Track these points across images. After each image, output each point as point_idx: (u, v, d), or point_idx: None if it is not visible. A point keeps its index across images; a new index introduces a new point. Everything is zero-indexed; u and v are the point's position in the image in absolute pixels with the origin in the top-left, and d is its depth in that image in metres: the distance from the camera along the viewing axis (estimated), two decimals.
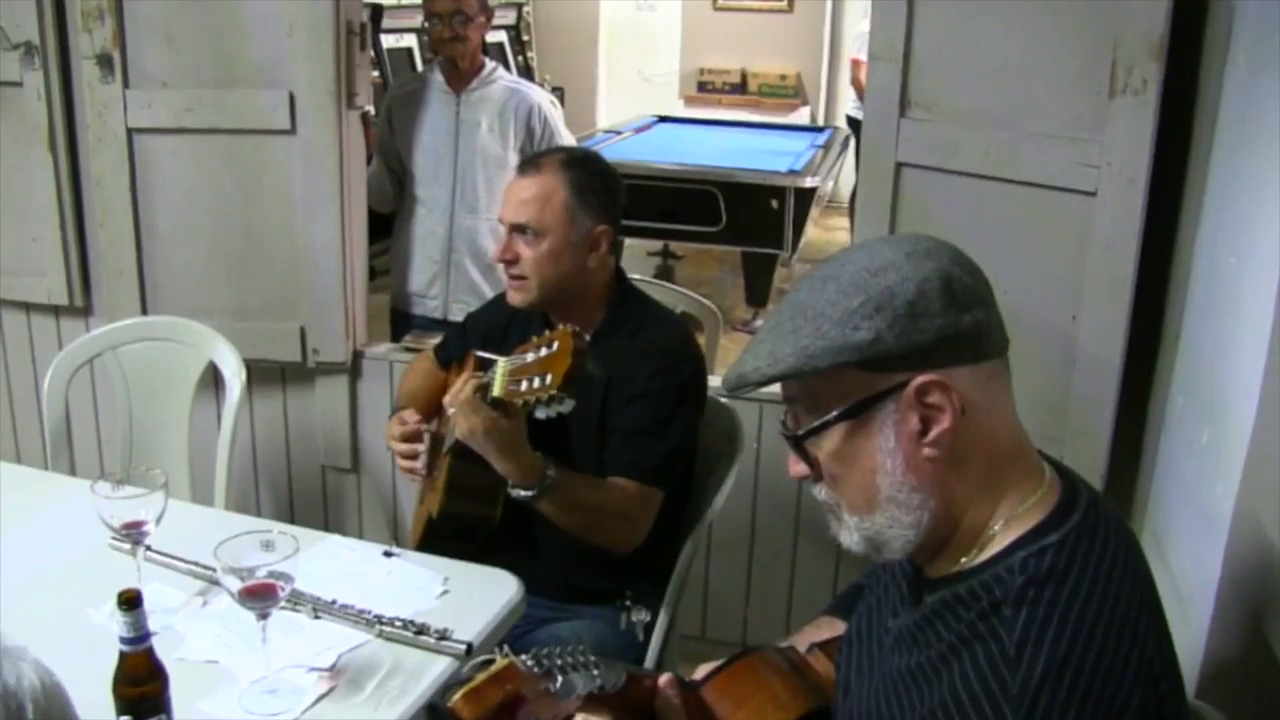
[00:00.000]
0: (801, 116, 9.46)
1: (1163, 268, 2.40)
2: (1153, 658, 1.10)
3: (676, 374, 2.17)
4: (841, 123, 8.40)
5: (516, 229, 2.16)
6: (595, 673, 1.26)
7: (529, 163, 2.22)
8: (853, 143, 7.24)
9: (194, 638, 1.78)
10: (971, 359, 1.15)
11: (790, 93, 9.86)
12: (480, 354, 2.22)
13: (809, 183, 5.94)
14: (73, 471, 2.72)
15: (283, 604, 1.66)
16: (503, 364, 1.90)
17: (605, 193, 2.19)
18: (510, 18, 8.64)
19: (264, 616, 1.59)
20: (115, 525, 1.77)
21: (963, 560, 1.18)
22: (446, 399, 1.98)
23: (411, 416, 2.29)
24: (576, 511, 2.05)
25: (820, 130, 7.77)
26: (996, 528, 1.17)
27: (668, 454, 2.14)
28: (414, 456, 2.26)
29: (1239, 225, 1.92)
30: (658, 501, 2.14)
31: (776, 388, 1.20)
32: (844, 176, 7.67)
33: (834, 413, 1.16)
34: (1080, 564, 1.11)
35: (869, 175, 2.68)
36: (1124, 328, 2.34)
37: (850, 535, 1.21)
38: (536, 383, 1.77)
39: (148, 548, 1.90)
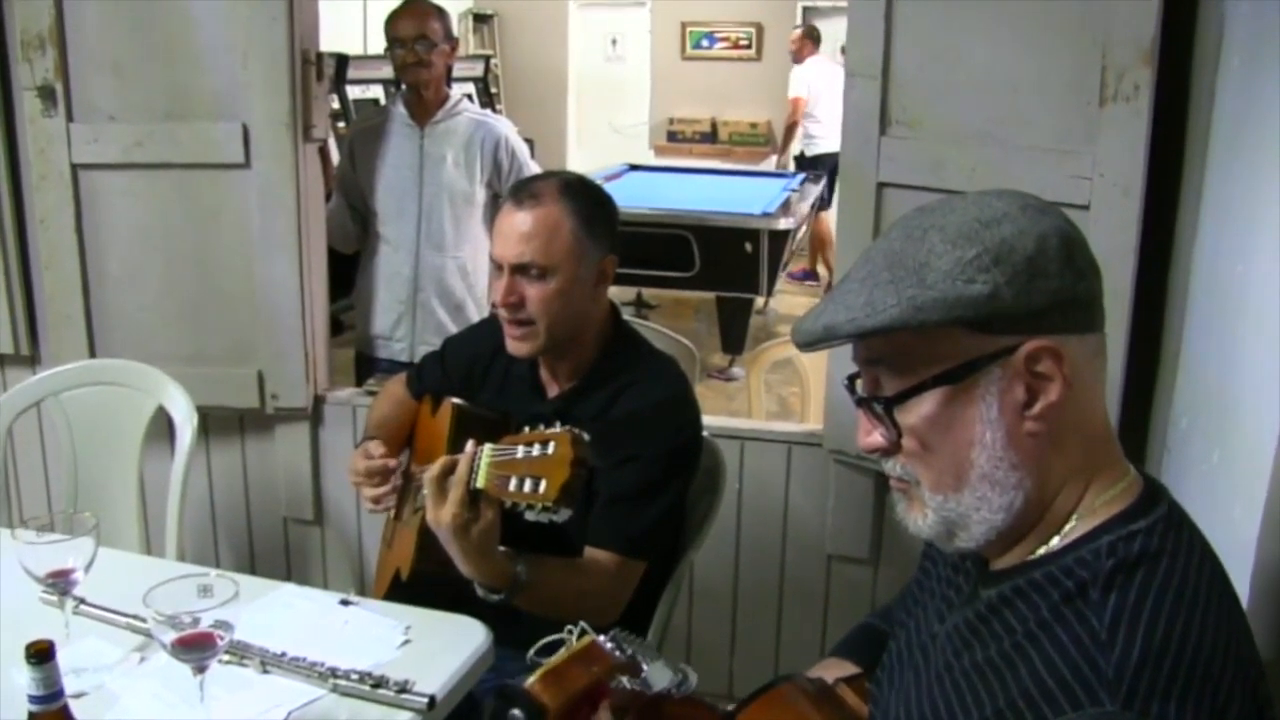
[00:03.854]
0: (772, 164, 9.43)
1: (1160, 282, 2.29)
2: (1248, 663, 1.00)
3: (673, 438, 2.00)
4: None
5: (519, 269, 1.94)
6: (675, 670, 1.13)
7: (523, 193, 1.97)
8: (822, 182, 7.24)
9: (129, 697, 1.62)
10: (1080, 327, 1.05)
11: (761, 141, 9.86)
12: (456, 401, 2.07)
13: (783, 224, 5.89)
14: (13, 525, 2.56)
15: (224, 656, 1.52)
16: (488, 451, 1.67)
17: (608, 218, 2.02)
18: (478, 70, 8.60)
19: (201, 670, 1.44)
20: (40, 574, 1.62)
21: (1041, 550, 1.08)
22: (426, 476, 1.74)
23: (378, 449, 2.11)
24: (550, 605, 1.84)
25: (792, 175, 7.72)
26: (1079, 515, 1.07)
27: (653, 523, 1.97)
28: (380, 497, 2.09)
29: (1245, 230, 1.82)
30: (639, 573, 1.97)
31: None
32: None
33: (931, 376, 1.05)
34: (1171, 553, 1.01)
35: (849, 197, 2.58)
36: (1123, 347, 2.23)
37: (925, 518, 1.10)
38: (528, 487, 1.59)
39: (81, 600, 1.77)
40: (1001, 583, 1.09)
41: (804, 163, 8.63)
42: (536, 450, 1.59)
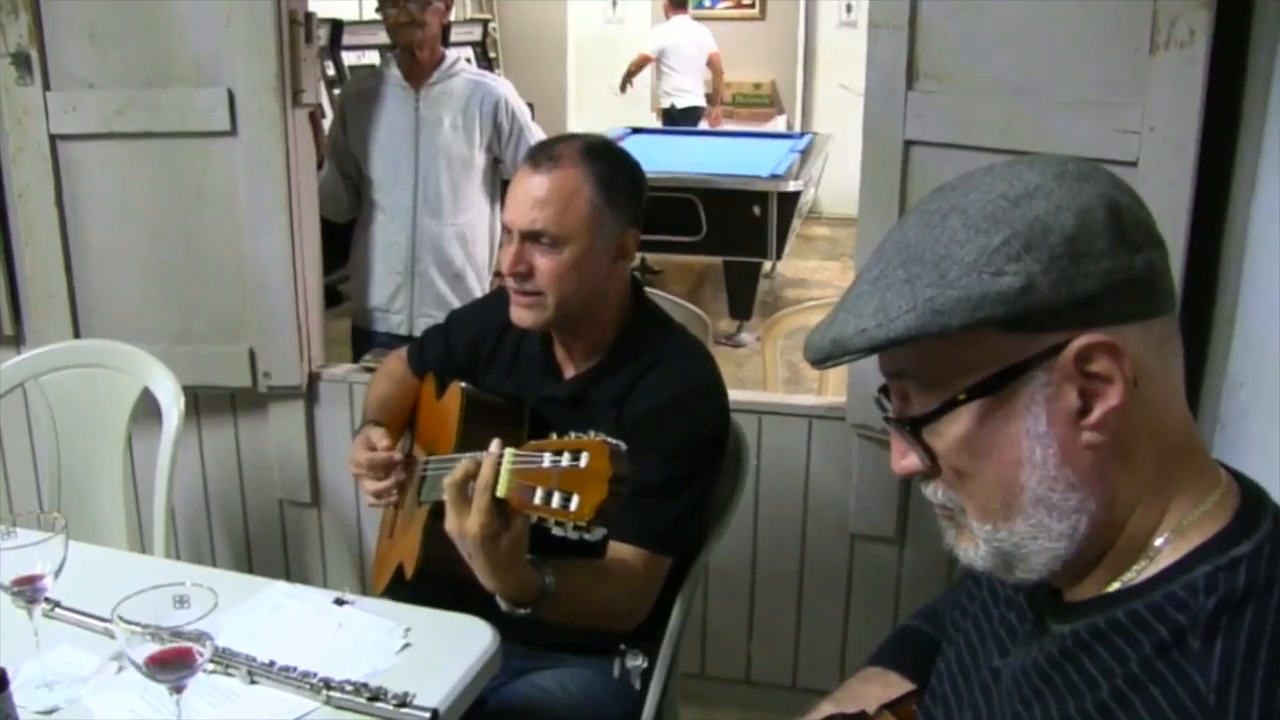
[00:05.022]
0: (778, 125, 9.29)
1: (1213, 244, 2.13)
2: None
3: (700, 428, 1.85)
4: (820, 129, 8.20)
5: (530, 236, 1.80)
6: None
7: (542, 154, 1.83)
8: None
9: (104, 712, 1.49)
10: (1142, 313, 0.87)
11: (765, 101, 9.68)
12: (465, 387, 1.92)
13: (792, 187, 5.75)
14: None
15: (209, 666, 1.38)
16: (510, 457, 1.48)
17: (633, 187, 1.86)
18: (476, 33, 8.42)
19: (178, 690, 1.31)
20: (4, 582, 1.48)
21: (1120, 580, 0.90)
22: (447, 481, 1.56)
23: (381, 440, 1.96)
24: (579, 613, 1.71)
25: (799, 136, 7.55)
26: (1162, 539, 0.89)
27: (680, 517, 1.83)
28: (383, 492, 1.94)
29: None
30: (666, 569, 1.83)
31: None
32: (825, 184, 7.46)
33: (964, 388, 0.88)
34: None
35: (873, 156, 2.42)
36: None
37: (975, 549, 0.93)
38: (557, 501, 1.40)
39: (56, 603, 1.64)
40: (1076, 619, 0.92)
41: (673, 116, 8.60)
42: (566, 460, 1.41)
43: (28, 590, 1.49)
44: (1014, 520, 0.90)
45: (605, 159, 1.83)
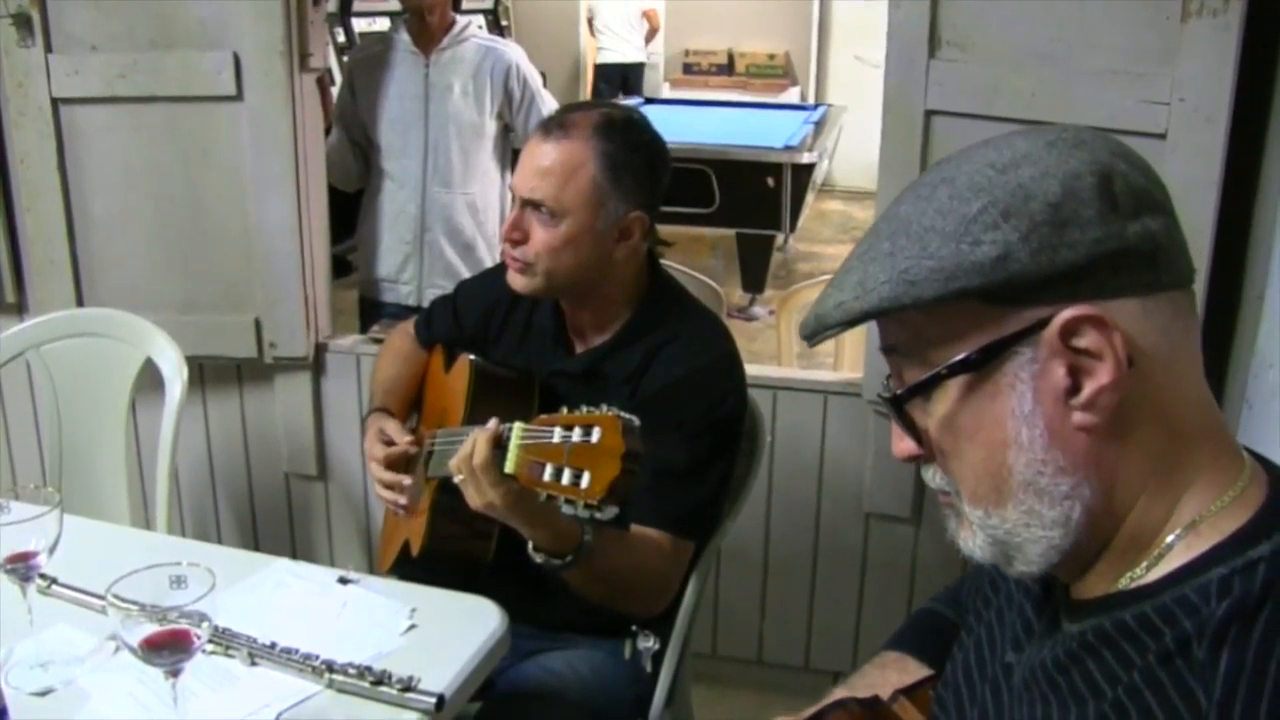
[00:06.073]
0: (791, 97, 9.20)
1: (1243, 218, 2.07)
2: None
3: (718, 409, 1.80)
4: (834, 101, 8.11)
5: (530, 204, 1.77)
6: None
7: (555, 122, 1.79)
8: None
9: (101, 696, 1.44)
10: (1141, 287, 0.81)
11: (779, 73, 9.59)
12: (474, 359, 1.87)
13: (806, 158, 5.68)
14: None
15: (208, 646, 1.34)
16: (518, 431, 1.45)
17: (646, 170, 1.79)
18: (488, 2, 8.34)
19: (175, 674, 1.26)
20: None
21: (1127, 576, 0.85)
22: (453, 463, 1.55)
23: (399, 434, 1.92)
24: (608, 581, 1.68)
25: (813, 108, 7.46)
26: (1175, 534, 0.84)
27: (704, 501, 1.80)
28: (399, 488, 1.88)
29: None
30: (690, 555, 1.80)
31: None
32: (839, 157, 7.38)
33: (945, 363, 0.84)
34: None
35: (893, 127, 2.36)
36: (1201, 289, 2.01)
37: (973, 537, 0.89)
38: (567, 478, 1.35)
39: (52, 580, 1.61)
40: (1084, 618, 0.87)
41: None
42: (577, 435, 1.36)
43: (21, 568, 1.45)
44: (1005, 506, 0.85)
45: (620, 136, 1.76)
